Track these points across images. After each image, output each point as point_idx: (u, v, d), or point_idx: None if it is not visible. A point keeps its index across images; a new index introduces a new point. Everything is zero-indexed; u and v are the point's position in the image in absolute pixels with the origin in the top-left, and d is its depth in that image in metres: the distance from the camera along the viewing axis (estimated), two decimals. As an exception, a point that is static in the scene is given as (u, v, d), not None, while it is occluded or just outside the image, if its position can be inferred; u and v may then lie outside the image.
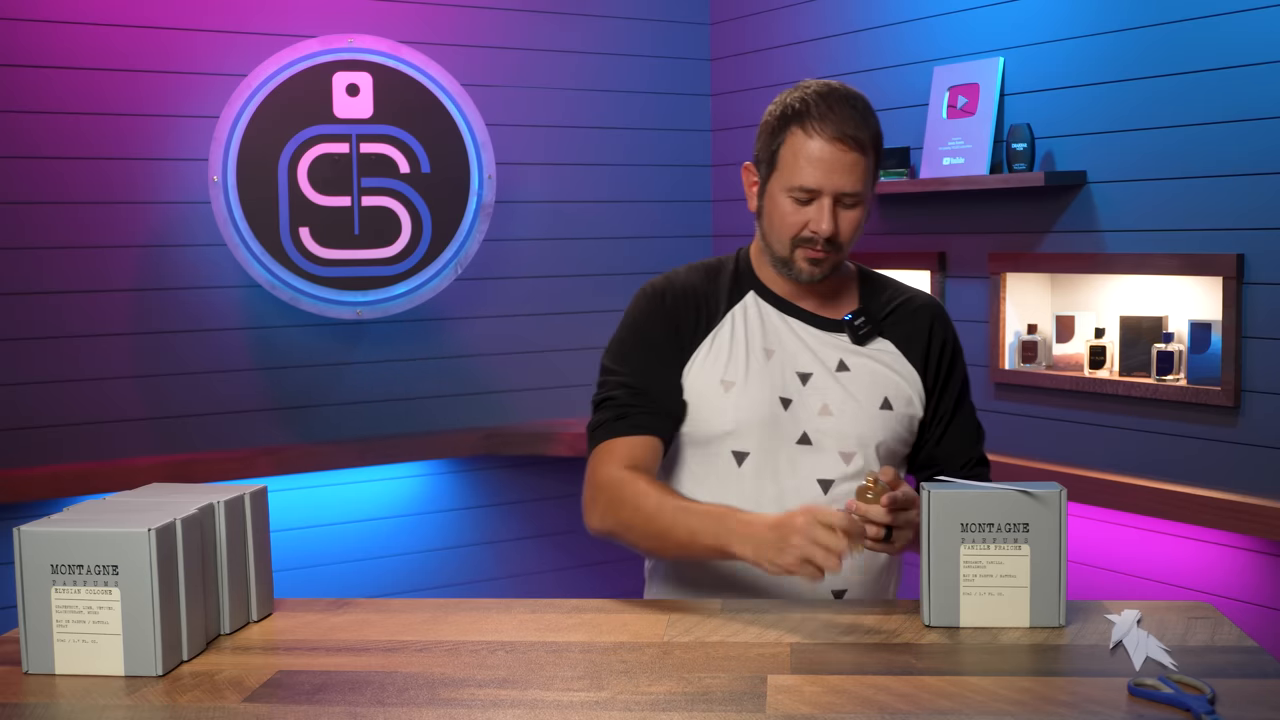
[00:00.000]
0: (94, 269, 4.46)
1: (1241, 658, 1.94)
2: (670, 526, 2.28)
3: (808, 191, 2.37)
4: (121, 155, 4.48)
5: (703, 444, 2.46)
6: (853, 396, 2.45)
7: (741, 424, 2.42)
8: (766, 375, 2.45)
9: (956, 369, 2.58)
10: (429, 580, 5.11)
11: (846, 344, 2.50)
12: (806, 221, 2.39)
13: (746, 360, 2.45)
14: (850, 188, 2.38)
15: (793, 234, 2.40)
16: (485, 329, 5.16)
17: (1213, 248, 3.75)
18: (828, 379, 2.46)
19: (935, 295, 4.53)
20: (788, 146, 2.39)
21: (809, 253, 2.41)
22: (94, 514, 2.02)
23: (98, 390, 4.50)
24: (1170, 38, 3.83)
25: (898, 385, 2.49)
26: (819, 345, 2.49)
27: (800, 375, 2.46)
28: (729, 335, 2.48)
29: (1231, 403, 3.70)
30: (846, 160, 2.37)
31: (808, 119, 2.37)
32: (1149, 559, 4.02)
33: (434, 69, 4.70)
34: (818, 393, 2.45)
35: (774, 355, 2.47)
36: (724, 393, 2.43)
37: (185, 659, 1.99)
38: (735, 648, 2.02)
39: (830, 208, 2.37)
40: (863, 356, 2.49)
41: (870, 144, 2.42)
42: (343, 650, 2.05)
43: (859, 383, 2.46)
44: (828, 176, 2.36)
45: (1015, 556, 2.08)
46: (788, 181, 2.39)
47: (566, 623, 2.17)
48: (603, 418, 2.45)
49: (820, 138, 2.36)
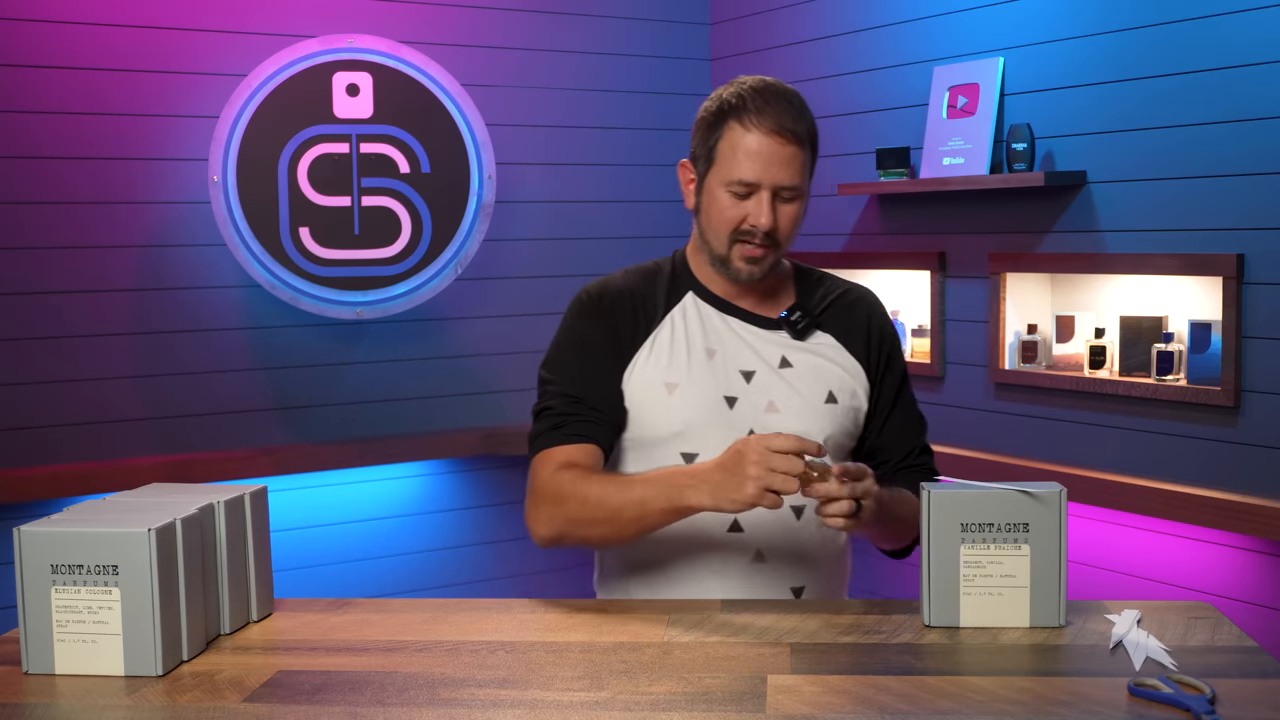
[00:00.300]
0: (94, 269, 4.46)
1: (1241, 658, 1.94)
2: (620, 505, 2.26)
3: (746, 185, 2.36)
4: (121, 155, 4.48)
5: (648, 448, 2.44)
6: (798, 392, 2.44)
7: (689, 425, 2.40)
8: (710, 375, 2.43)
9: (895, 359, 2.58)
10: (429, 580, 5.11)
11: (787, 340, 2.49)
12: (745, 216, 2.38)
13: (689, 361, 2.44)
14: (789, 181, 2.36)
15: (731, 229, 2.39)
16: (485, 329, 5.16)
17: (1213, 248, 3.75)
18: (771, 376, 2.45)
19: (935, 296, 4.54)
20: (725, 140, 2.38)
21: (747, 250, 2.40)
22: (94, 514, 2.02)
23: (98, 390, 4.50)
24: (1170, 38, 3.83)
25: (841, 378, 2.49)
26: (760, 343, 2.47)
27: (743, 374, 2.44)
28: (669, 337, 2.46)
29: (1231, 403, 3.70)
30: (785, 153, 2.36)
31: (745, 113, 2.36)
32: (1149, 559, 4.02)
33: (434, 69, 4.70)
34: (762, 390, 2.43)
35: (716, 355, 2.45)
36: (668, 395, 2.42)
37: (185, 659, 1.99)
38: (735, 648, 2.02)
39: (769, 201, 2.36)
40: (804, 352, 2.48)
41: (807, 138, 2.40)
42: (343, 650, 2.05)
43: (803, 378, 2.46)
44: (766, 169, 2.35)
45: (1015, 556, 2.08)
46: (726, 175, 2.38)
47: (566, 623, 2.17)
48: (540, 428, 2.43)
49: (758, 130, 2.35)
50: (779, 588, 2.41)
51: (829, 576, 2.48)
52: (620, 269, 2.57)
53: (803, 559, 2.42)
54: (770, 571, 2.40)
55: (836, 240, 4.96)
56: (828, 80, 4.97)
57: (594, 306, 2.48)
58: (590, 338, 2.46)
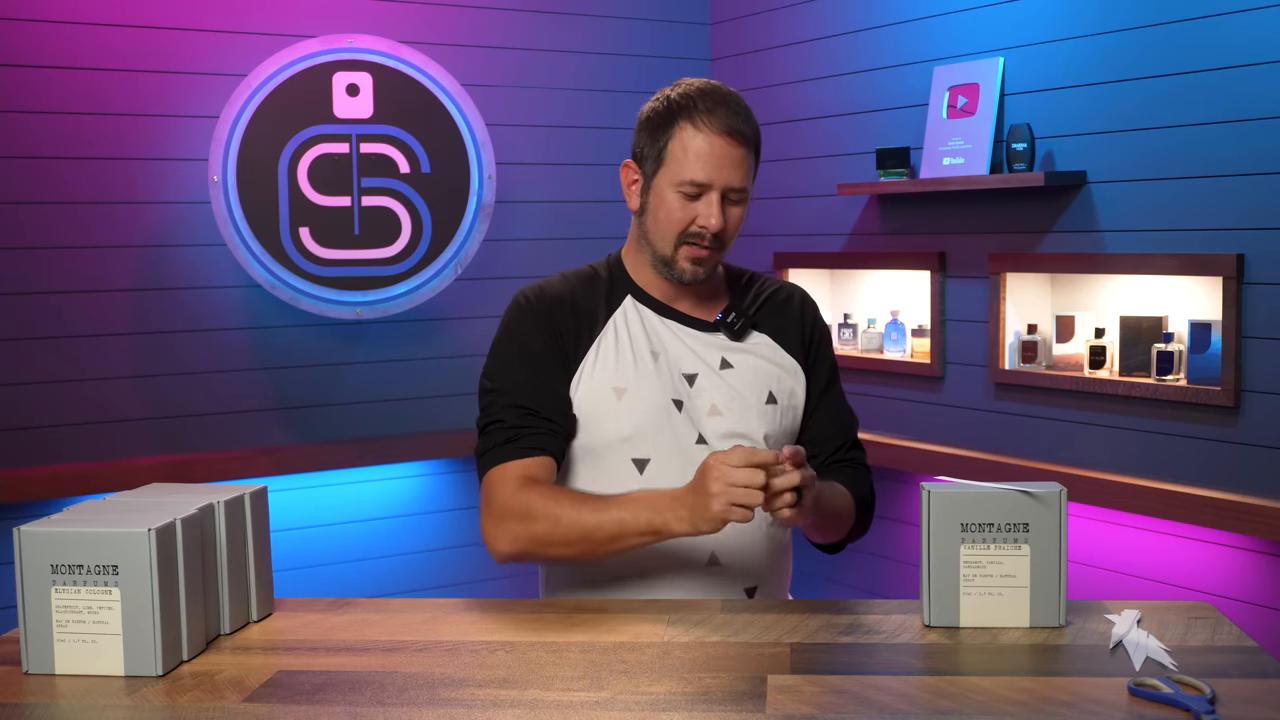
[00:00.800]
0: (94, 269, 4.46)
1: (1241, 658, 1.94)
2: (594, 526, 2.24)
3: (697, 186, 2.36)
4: (121, 155, 4.48)
5: (598, 454, 2.43)
6: (739, 394, 2.46)
7: (638, 429, 2.40)
8: (656, 378, 2.43)
9: (825, 353, 2.60)
10: (429, 580, 5.11)
11: (725, 342, 2.50)
12: (694, 217, 2.37)
13: (635, 364, 2.43)
14: (738, 182, 2.37)
15: (679, 230, 2.38)
16: (485, 329, 5.14)
17: (1213, 248, 3.75)
18: (713, 378, 2.46)
19: (935, 296, 4.54)
20: (676, 141, 2.37)
21: (693, 251, 2.39)
22: (94, 514, 2.02)
23: (98, 390, 4.50)
24: (1170, 38, 3.83)
25: (779, 377, 2.51)
26: (700, 346, 2.48)
27: (686, 376, 2.45)
28: (614, 341, 2.45)
29: (1231, 403, 3.70)
30: (735, 154, 2.36)
31: (696, 113, 2.36)
32: (1149, 559, 4.02)
33: (434, 69, 4.70)
34: (705, 393, 2.44)
35: (660, 358, 2.45)
36: (617, 400, 2.41)
37: (185, 659, 1.99)
38: (735, 648, 2.02)
39: (718, 202, 2.36)
40: (742, 353, 2.50)
41: (754, 141, 2.41)
42: (343, 650, 2.05)
43: (743, 379, 2.47)
44: (718, 170, 2.35)
45: (1015, 556, 2.08)
46: (676, 176, 2.37)
47: (566, 623, 2.17)
48: (491, 441, 2.38)
49: (709, 131, 2.35)
50: (733, 589, 2.42)
51: (778, 576, 2.51)
52: (556, 273, 2.56)
53: (755, 559, 2.44)
54: (723, 573, 2.41)
55: (836, 240, 4.96)
56: (828, 80, 4.97)
57: (534, 311, 2.46)
58: (533, 343, 2.43)
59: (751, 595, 2.43)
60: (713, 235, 2.38)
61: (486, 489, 2.38)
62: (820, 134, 5.03)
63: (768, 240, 5.24)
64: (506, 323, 2.49)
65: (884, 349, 4.84)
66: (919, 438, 4.66)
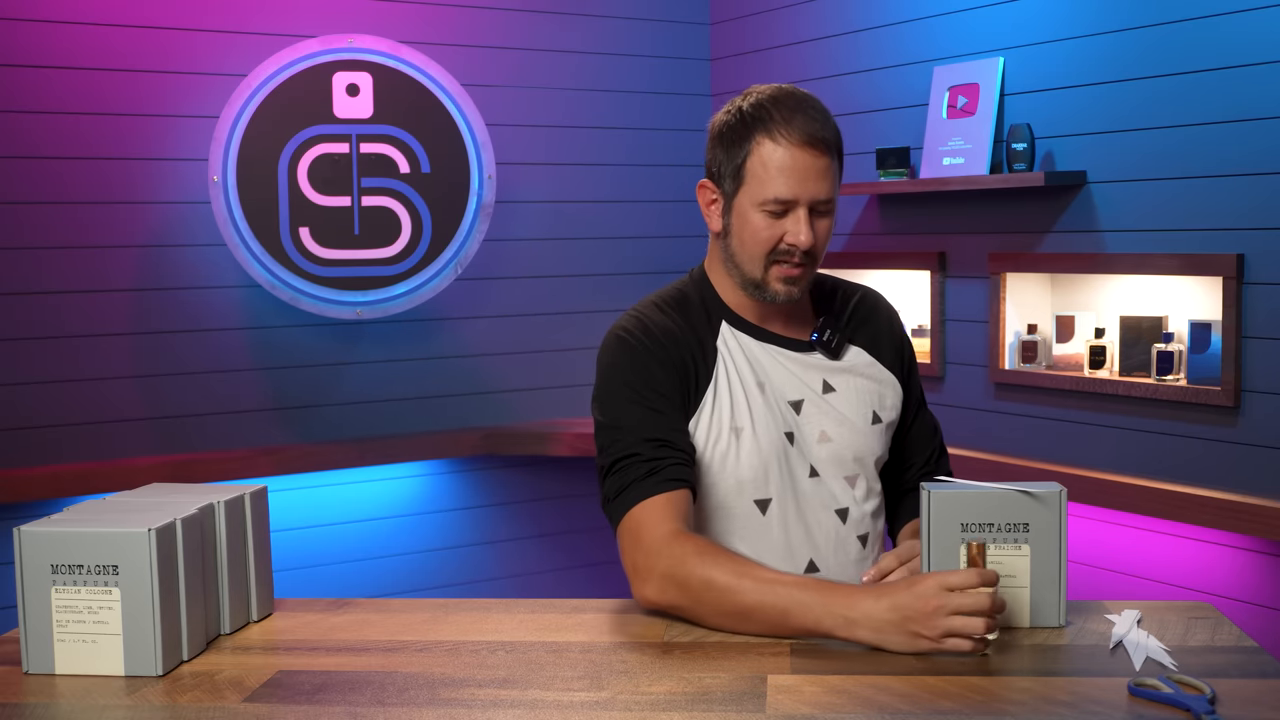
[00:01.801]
0: (94, 269, 4.46)
1: (1241, 658, 1.94)
2: (755, 605, 2.03)
3: (783, 203, 2.23)
4: (121, 155, 4.48)
5: (724, 499, 2.31)
6: (845, 418, 2.36)
7: (759, 470, 2.29)
8: (768, 412, 2.32)
9: (914, 363, 2.54)
10: (429, 580, 5.11)
11: (823, 362, 2.38)
12: (782, 235, 2.25)
13: (747, 400, 2.31)
14: (824, 194, 2.24)
15: (767, 250, 2.26)
16: (485, 329, 5.16)
17: (1213, 248, 3.75)
18: (818, 404, 2.35)
19: (935, 296, 4.54)
20: (755, 157, 2.24)
21: (785, 270, 2.27)
22: (94, 514, 2.02)
23: (97, 390, 4.50)
24: (1170, 38, 3.83)
25: (880, 395, 2.42)
26: (800, 370, 2.36)
27: (792, 404, 2.34)
28: (726, 376, 2.32)
29: (1231, 403, 3.70)
30: (819, 165, 2.23)
31: (772, 124, 2.24)
32: (1149, 559, 4.02)
33: (434, 69, 4.71)
34: (812, 421, 2.34)
35: (766, 389, 2.33)
36: (736, 440, 2.29)
37: (185, 659, 1.99)
38: (735, 648, 2.02)
39: (806, 218, 2.24)
40: (842, 373, 2.39)
41: (836, 146, 2.27)
42: (343, 650, 2.05)
43: (847, 402, 2.37)
44: (803, 185, 2.22)
45: (1015, 556, 2.08)
46: (760, 195, 2.24)
47: (567, 623, 2.17)
48: (629, 478, 2.20)
49: (789, 143, 2.22)
50: None
51: None
52: (644, 301, 2.39)
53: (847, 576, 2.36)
54: None
55: (836, 240, 4.96)
56: (828, 80, 4.97)
57: (649, 348, 2.29)
58: (653, 381, 2.27)
59: None
60: (803, 252, 2.26)
61: (632, 529, 2.17)
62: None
63: (768, 240, 5.24)
64: (615, 360, 2.30)
65: (884, 349, 4.84)
66: (919, 438, 4.65)
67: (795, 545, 2.31)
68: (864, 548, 2.38)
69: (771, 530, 2.31)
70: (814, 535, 2.33)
